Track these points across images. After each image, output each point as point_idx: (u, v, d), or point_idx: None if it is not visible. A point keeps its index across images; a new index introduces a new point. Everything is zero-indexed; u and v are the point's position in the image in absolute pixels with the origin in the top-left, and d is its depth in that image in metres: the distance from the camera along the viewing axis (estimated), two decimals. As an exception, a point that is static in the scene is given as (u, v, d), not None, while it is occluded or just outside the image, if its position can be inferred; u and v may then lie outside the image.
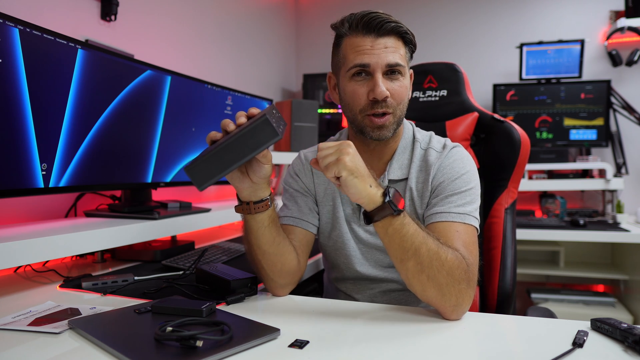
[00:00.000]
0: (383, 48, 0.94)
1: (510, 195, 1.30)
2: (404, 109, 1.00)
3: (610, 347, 0.71)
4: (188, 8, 2.15)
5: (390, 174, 1.04)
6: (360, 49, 0.94)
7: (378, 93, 0.93)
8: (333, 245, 1.10)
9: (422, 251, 0.81)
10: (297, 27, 3.44)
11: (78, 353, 0.70)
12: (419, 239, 0.82)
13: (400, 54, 0.96)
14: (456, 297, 0.82)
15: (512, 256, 1.26)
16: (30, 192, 1.09)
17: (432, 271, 0.81)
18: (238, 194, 0.91)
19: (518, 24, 2.99)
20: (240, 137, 0.78)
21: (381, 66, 0.94)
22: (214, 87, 1.76)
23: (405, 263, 0.83)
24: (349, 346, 0.73)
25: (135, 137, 1.40)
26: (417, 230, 0.82)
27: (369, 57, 0.94)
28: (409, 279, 0.85)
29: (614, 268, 2.67)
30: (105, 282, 1.09)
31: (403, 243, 0.82)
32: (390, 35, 0.95)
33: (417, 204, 1.03)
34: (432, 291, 0.83)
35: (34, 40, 1.07)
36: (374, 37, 0.94)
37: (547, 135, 2.77)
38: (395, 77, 0.96)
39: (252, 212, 0.90)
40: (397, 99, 0.97)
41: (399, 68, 0.95)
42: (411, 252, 0.81)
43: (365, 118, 0.97)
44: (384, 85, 0.94)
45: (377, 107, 0.95)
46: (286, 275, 0.97)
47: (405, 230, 0.81)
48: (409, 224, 0.82)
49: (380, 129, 0.97)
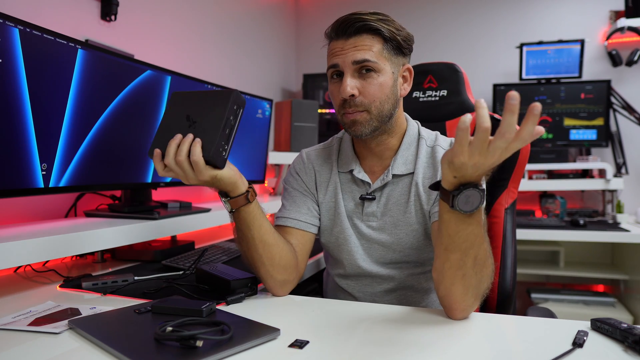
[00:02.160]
0: (352, 47, 0.95)
1: (510, 195, 1.30)
2: (382, 106, 0.98)
3: (610, 347, 0.71)
4: (188, 8, 2.15)
5: (394, 169, 1.04)
6: (334, 51, 0.98)
7: (342, 91, 0.95)
8: (335, 242, 1.10)
9: (472, 252, 0.77)
10: (297, 27, 3.44)
11: (78, 353, 0.70)
12: (479, 239, 0.77)
13: (374, 50, 0.95)
14: (473, 298, 0.82)
15: (512, 256, 1.26)
16: (30, 192, 1.09)
17: (475, 271, 0.79)
18: (230, 191, 0.89)
19: (518, 24, 2.99)
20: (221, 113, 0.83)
21: (348, 64, 0.95)
22: (214, 87, 1.76)
23: (450, 254, 0.78)
24: (349, 346, 0.73)
25: (135, 137, 1.40)
26: (483, 233, 0.79)
27: (337, 57, 0.96)
28: (444, 270, 0.81)
29: (614, 268, 2.67)
30: (105, 282, 1.09)
31: (474, 238, 0.76)
32: (360, 34, 0.95)
33: (423, 200, 1.03)
34: (458, 288, 0.80)
35: (34, 40, 1.07)
36: (344, 39, 0.96)
37: (547, 135, 2.77)
38: (368, 74, 0.96)
39: (252, 199, 0.91)
40: (369, 97, 0.96)
41: (369, 64, 0.95)
42: (476, 247, 0.77)
43: (343, 117, 1.00)
44: (352, 83, 0.95)
45: (346, 106, 0.97)
46: (284, 269, 0.97)
47: (477, 223, 0.76)
48: (482, 221, 0.78)
49: (354, 124, 0.98)
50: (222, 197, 0.91)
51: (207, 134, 0.82)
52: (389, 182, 1.05)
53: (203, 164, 0.82)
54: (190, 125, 0.84)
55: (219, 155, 0.83)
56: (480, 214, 0.77)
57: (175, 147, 0.82)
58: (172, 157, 0.82)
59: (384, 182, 1.05)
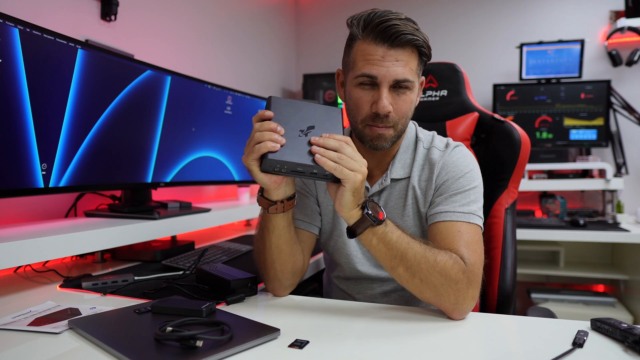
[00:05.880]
0: (394, 61, 0.89)
1: (511, 195, 1.30)
2: (406, 122, 0.97)
3: (610, 347, 0.71)
4: (188, 8, 2.15)
5: (392, 173, 1.04)
6: (371, 58, 0.90)
7: (380, 107, 0.90)
8: (334, 245, 1.10)
9: (409, 256, 0.82)
10: (297, 27, 3.44)
11: (78, 353, 0.70)
12: (403, 244, 0.83)
13: (411, 67, 0.91)
14: (455, 296, 0.83)
15: (512, 256, 1.26)
16: (30, 192, 1.09)
17: (423, 274, 0.83)
18: (267, 193, 0.87)
19: (518, 24, 2.99)
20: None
21: (388, 80, 0.90)
22: (214, 87, 1.76)
23: (395, 270, 0.84)
24: (349, 346, 0.73)
25: (135, 137, 1.40)
26: (401, 237, 0.83)
27: (377, 68, 0.89)
28: (403, 284, 0.86)
29: (614, 268, 2.67)
30: (105, 282, 1.09)
31: (389, 251, 0.83)
32: (404, 47, 0.90)
33: (420, 203, 1.02)
34: (429, 293, 0.84)
35: (34, 40, 1.07)
36: (386, 48, 0.89)
37: (547, 135, 2.77)
38: (402, 91, 0.92)
39: (286, 210, 0.89)
40: (400, 114, 0.94)
41: (407, 83, 0.91)
42: (398, 259, 0.83)
43: (366, 127, 0.95)
44: (388, 100, 0.90)
45: (377, 121, 0.93)
46: (293, 275, 0.99)
47: (389, 238, 0.83)
48: (391, 232, 0.83)
49: (378, 139, 0.95)
50: (258, 192, 0.91)
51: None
52: (387, 186, 1.05)
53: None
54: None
55: (267, 161, 0.79)
56: (384, 218, 0.84)
57: None
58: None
59: (382, 186, 1.04)
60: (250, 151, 0.79)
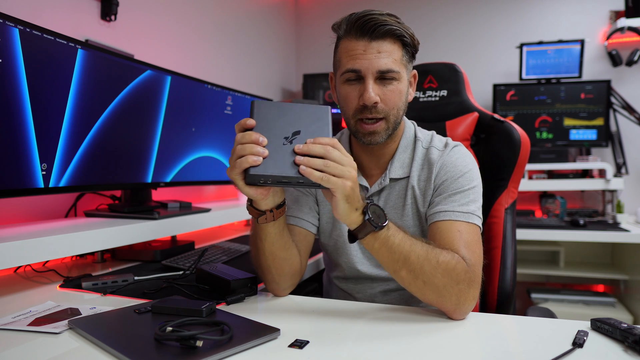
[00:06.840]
0: (376, 53, 0.91)
1: (510, 195, 1.30)
2: (398, 113, 0.97)
3: (610, 347, 0.71)
4: (188, 8, 2.15)
5: (391, 173, 1.04)
6: (353, 53, 0.92)
7: (366, 99, 0.92)
8: (334, 245, 1.10)
9: (412, 258, 0.82)
10: (297, 27, 3.44)
11: (78, 353, 0.70)
12: (406, 247, 0.83)
13: (395, 58, 0.93)
14: (457, 297, 0.83)
15: (512, 256, 1.26)
16: (30, 192, 1.09)
17: (426, 276, 0.82)
18: (256, 203, 0.87)
19: (518, 24, 2.99)
20: None
21: (372, 72, 0.92)
22: (214, 87, 1.76)
23: (398, 273, 0.84)
24: (349, 346, 0.73)
25: (135, 137, 1.40)
26: (403, 239, 0.83)
27: (360, 62, 0.92)
28: (406, 286, 0.86)
29: (614, 268, 2.67)
30: (105, 282, 1.09)
31: (391, 255, 0.83)
32: (384, 39, 0.92)
33: (419, 203, 1.02)
34: (431, 294, 0.84)
35: (34, 40, 1.07)
36: (367, 41, 0.91)
37: (547, 135, 2.77)
38: (388, 82, 0.93)
39: (276, 218, 0.88)
40: (389, 104, 0.95)
41: (392, 74, 0.93)
42: (401, 262, 0.83)
43: (357, 123, 0.96)
44: (374, 91, 0.92)
45: (366, 112, 0.94)
46: (291, 278, 0.99)
47: (391, 242, 0.82)
48: (393, 235, 0.82)
49: (371, 135, 0.96)
50: (247, 201, 0.89)
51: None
52: (386, 185, 1.05)
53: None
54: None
55: (249, 176, 0.77)
56: (386, 222, 0.83)
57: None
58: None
59: (381, 186, 1.04)
60: (233, 165, 0.77)
